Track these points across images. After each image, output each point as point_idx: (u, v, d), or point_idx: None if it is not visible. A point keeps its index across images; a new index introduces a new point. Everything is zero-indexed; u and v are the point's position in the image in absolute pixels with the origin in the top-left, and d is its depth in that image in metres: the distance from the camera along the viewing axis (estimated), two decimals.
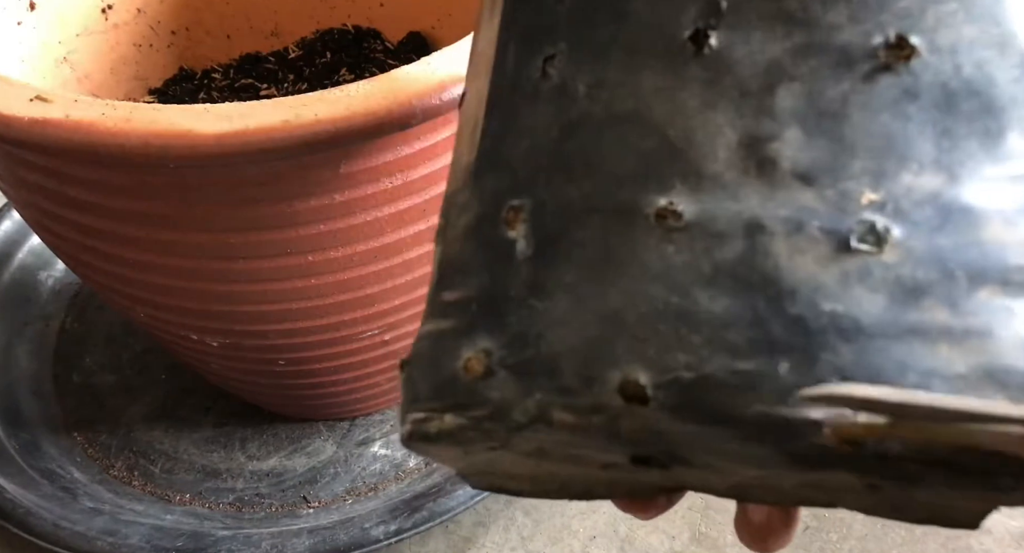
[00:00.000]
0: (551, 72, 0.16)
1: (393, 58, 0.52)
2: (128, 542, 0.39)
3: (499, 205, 0.16)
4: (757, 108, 0.14)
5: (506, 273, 0.16)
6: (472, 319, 0.16)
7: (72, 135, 0.26)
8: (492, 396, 0.15)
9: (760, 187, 0.14)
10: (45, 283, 0.55)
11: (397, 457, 0.46)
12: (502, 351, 0.15)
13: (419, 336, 0.17)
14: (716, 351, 0.14)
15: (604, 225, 0.15)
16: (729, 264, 0.14)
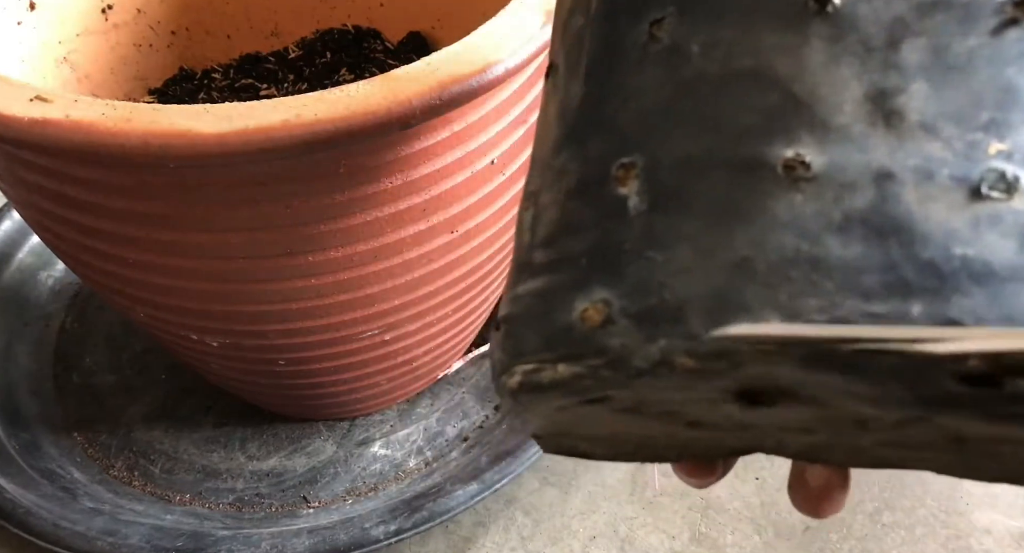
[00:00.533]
0: (660, 35, 0.17)
1: (393, 58, 0.52)
2: (128, 542, 0.39)
3: (607, 165, 0.17)
4: (883, 63, 0.15)
5: (619, 228, 0.16)
6: (584, 273, 0.16)
7: (72, 135, 0.26)
8: (612, 344, 0.15)
9: (888, 138, 0.15)
10: (45, 283, 0.55)
11: (397, 457, 0.46)
12: (622, 301, 0.15)
13: (514, 296, 0.18)
14: (849, 295, 0.14)
15: (727, 178, 0.15)
16: (860, 212, 0.14)
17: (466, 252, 0.36)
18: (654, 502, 0.45)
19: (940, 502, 0.45)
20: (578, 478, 0.46)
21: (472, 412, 0.49)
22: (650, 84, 0.17)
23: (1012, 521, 0.44)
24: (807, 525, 0.44)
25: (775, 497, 0.45)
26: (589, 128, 0.17)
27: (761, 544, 0.43)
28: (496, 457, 0.42)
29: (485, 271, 0.40)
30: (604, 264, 0.16)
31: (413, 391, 0.49)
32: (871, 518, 0.44)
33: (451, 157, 0.32)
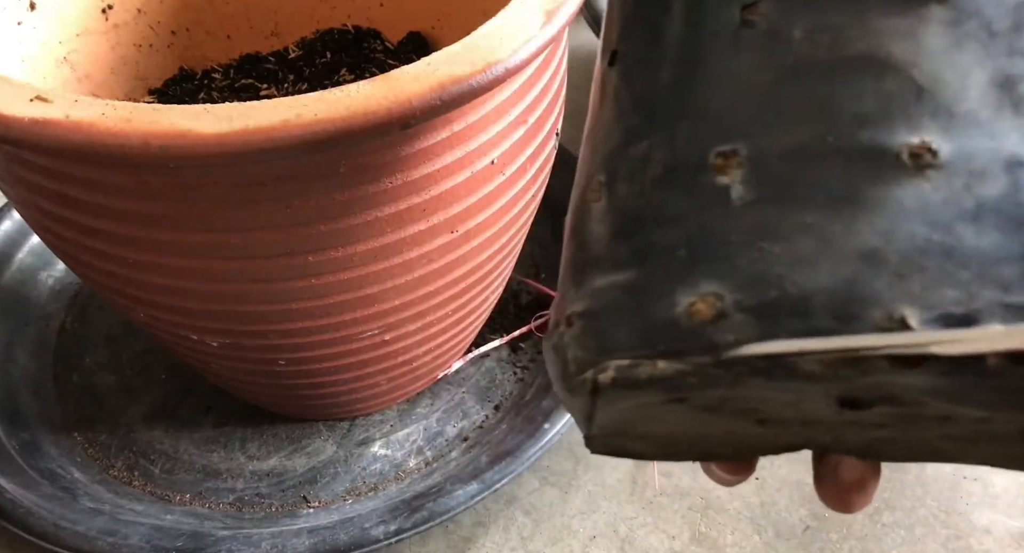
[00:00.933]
0: (755, 19, 0.16)
1: (393, 58, 0.52)
2: (128, 542, 0.39)
3: (703, 153, 0.16)
4: (1008, 48, 0.15)
5: (722, 218, 0.16)
6: (685, 265, 0.16)
7: (72, 135, 0.26)
8: (725, 339, 0.15)
9: (1018, 125, 0.14)
10: (45, 283, 0.55)
11: (397, 457, 0.46)
12: (736, 294, 0.15)
13: (591, 290, 0.17)
14: (986, 286, 0.14)
15: (844, 166, 0.15)
16: (993, 200, 0.14)
17: (466, 252, 0.36)
18: (654, 502, 0.45)
19: (940, 502, 0.45)
20: (578, 478, 0.46)
21: (472, 412, 0.49)
22: (747, 70, 0.16)
23: (1012, 521, 0.44)
24: (807, 525, 0.44)
25: (775, 497, 0.45)
26: (677, 115, 0.17)
27: (761, 544, 0.43)
28: (496, 457, 0.42)
29: (485, 271, 0.40)
30: (709, 256, 0.15)
31: (413, 391, 0.49)
32: (871, 518, 0.44)
33: (451, 157, 0.32)
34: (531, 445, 0.42)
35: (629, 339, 0.16)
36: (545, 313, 0.53)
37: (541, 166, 0.39)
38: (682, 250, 0.16)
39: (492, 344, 0.51)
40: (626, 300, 0.16)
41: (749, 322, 0.15)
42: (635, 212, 0.17)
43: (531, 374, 0.50)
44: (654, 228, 0.16)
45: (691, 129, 0.16)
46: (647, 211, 0.17)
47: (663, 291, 0.16)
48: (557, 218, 0.57)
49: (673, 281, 0.16)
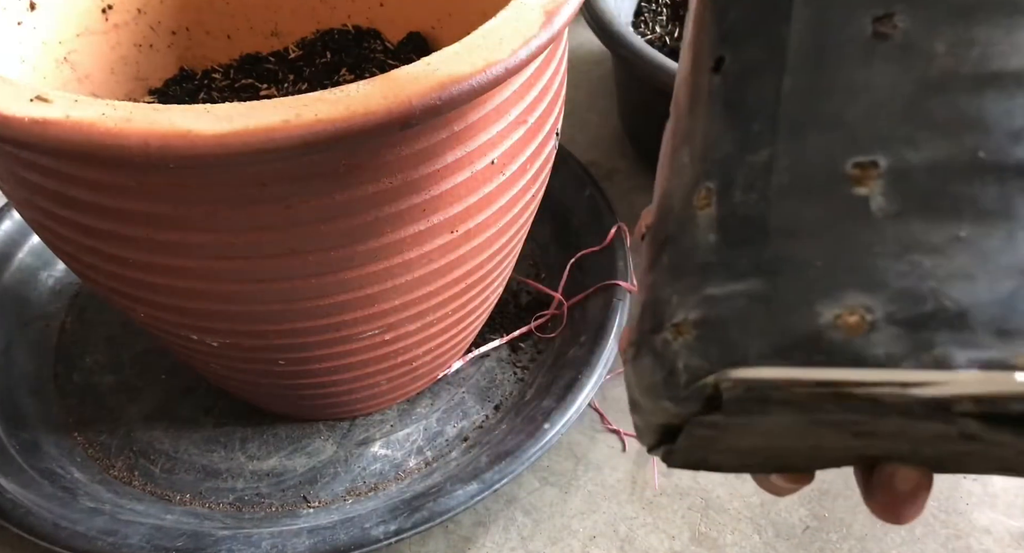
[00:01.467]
0: (889, 31, 0.16)
1: (393, 58, 0.52)
2: (128, 542, 0.39)
3: (836, 163, 0.16)
4: None
5: (863, 229, 0.15)
6: (824, 276, 0.15)
7: (72, 135, 0.26)
8: (875, 353, 0.15)
9: None
10: (45, 283, 0.55)
11: (397, 457, 0.46)
12: (889, 306, 0.15)
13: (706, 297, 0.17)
14: None
15: (999, 181, 0.15)
16: None
17: (466, 252, 0.36)
18: (654, 502, 0.45)
19: (940, 502, 0.45)
20: (578, 478, 0.46)
21: (472, 412, 0.49)
22: (883, 82, 0.16)
23: (1012, 521, 0.44)
24: (807, 525, 0.44)
25: (775, 497, 0.45)
26: (806, 124, 0.16)
27: (761, 544, 0.43)
28: (496, 457, 0.42)
29: (485, 271, 0.40)
30: (852, 267, 0.15)
31: (413, 391, 0.49)
32: (871, 518, 0.44)
33: (451, 157, 0.32)
34: (531, 445, 0.42)
35: (761, 349, 0.16)
36: (545, 313, 0.53)
37: (541, 166, 0.39)
38: (819, 261, 0.15)
39: (492, 344, 0.51)
40: (755, 310, 0.16)
41: (902, 336, 0.14)
42: (756, 221, 0.17)
43: (531, 374, 0.50)
44: (783, 238, 0.16)
45: (823, 139, 0.16)
46: (772, 220, 0.16)
47: (801, 302, 0.15)
48: (557, 218, 0.57)
49: (813, 293, 0.15)
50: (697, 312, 0.17)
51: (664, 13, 0.67)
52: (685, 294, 0.17)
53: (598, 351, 0.47)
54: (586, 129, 0.70)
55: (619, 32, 0.56)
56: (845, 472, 0.46)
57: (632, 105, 0.64)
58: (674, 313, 0.17)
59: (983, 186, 0.15)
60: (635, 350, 0.19)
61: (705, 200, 0.18)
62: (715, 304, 0.17)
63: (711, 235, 0.17)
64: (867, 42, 0.16)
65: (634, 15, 0.67)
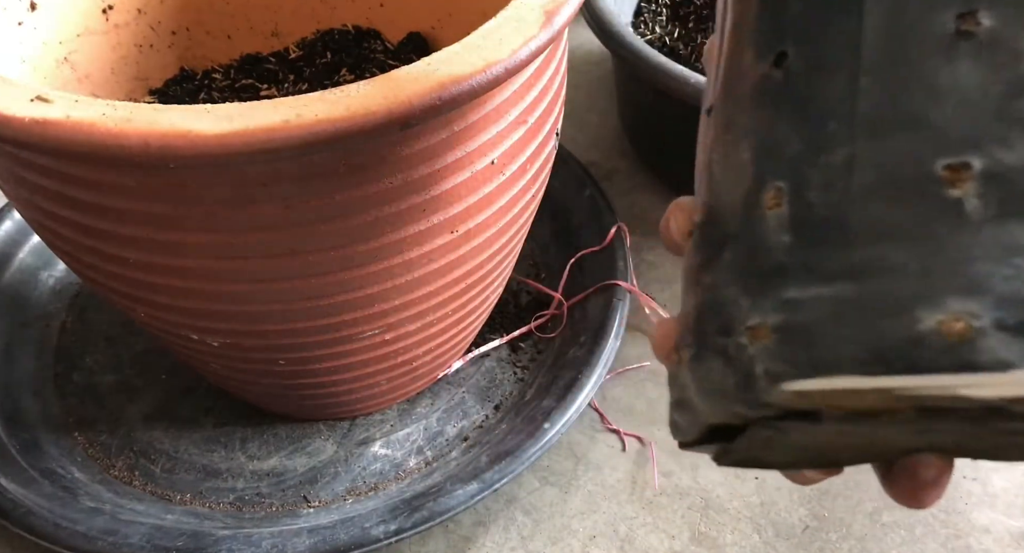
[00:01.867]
0: (972, 30, 0.16)
1: (393, 58, 0.52)
2: (128, 542, 0.39)
3: (925, 164, 0.15)
4: None
5: (959, 233, 0.15)
6: (920, 281, 0.15)
7: (72, 135, 0.26)
8: (981, 360, 0.14)
9: None
10: (45, 283, 0.55)
11: (397, 457, 0.47)
12: (996, 312, 0.14)
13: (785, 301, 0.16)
14: None
15: None
16: None
17: (466, 252, 0.37)
18: (654, 502, 0.45)
19: (939, 502, 0.45)
20: (578, 478, 0.46)
21: (472, 412, 0.49)
22: (969, 81, 0.16)
23: (1011, 521, 0.44)
24: (807, 525, 0.44)
25: (774, 496, 0.45)
26: (888, 124, 0.16)
27: (761, 544, 0.43)
28: (496, 457, 0.42)
29: (485, 271, 0.40)
30: (952, 272, 0.15)
31: (413, 391, 0.49)
32: (871, 518, 0.44)
33: (451, 157, 0.32)
34: (531, 445, 0.42)
35: (856, 354, 0.15)
36: (545, 313, 0.53)
37: (541, 166, 0.39)
38: (914, 265, 0.15)
39: (492, 344, 0.51)
40: (846, 315, 0.15)
41: (1012, 342, 0.14)
42: (838, 222, 0.16)
43: (531, 374, 0.50)
44: (871, 241, 0.16)
45: (908, 140, 0.16)
46: (856, 222, 0.16)
47: (898, 307, 0.15)
48: (557, 218, 0.57)
49: (911, 297, 0.15)
50: (777, 316, 0.16)
51: (664, 13, 0.67)
52: (758, 297, 0.17)
53: (598, 351, 0.47)
54: (586, 129, 0.70)
55: (619, 32, 0.56)
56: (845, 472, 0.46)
57: (632, 105, 0.64)
58: (747, 317, 0.17)
59: None
60: (695, 351, 0.18)
61: (775, 200, 0.17)
62: (797, 308, 0.16)
63: (784, 236, 0.17)
64: (950, 40, 0.16)
65: (634, 15, 0.67)
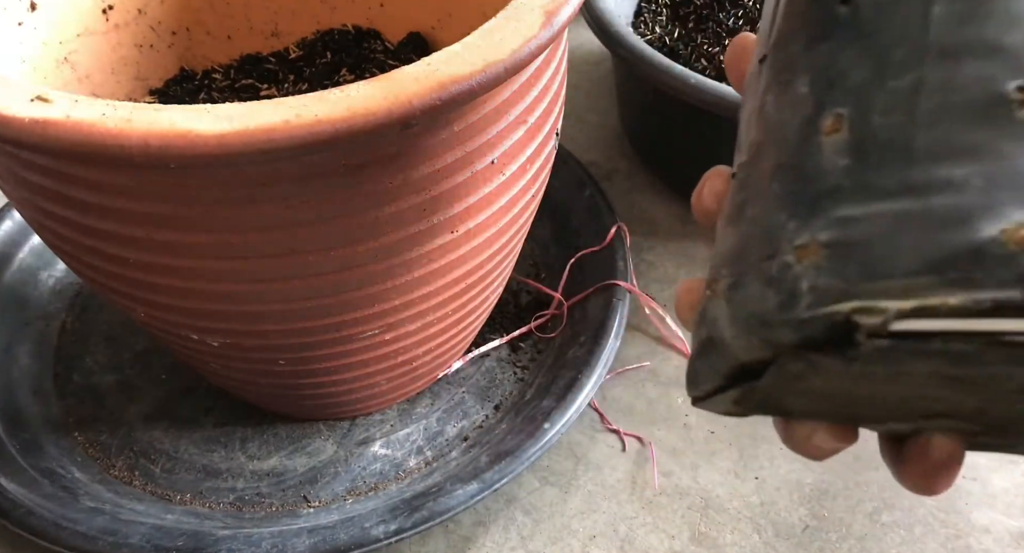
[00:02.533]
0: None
1: (393, 58, 0.52)
2: (128, 541, 0.39)
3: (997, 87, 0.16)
4: None
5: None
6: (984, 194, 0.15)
7: (72, 135, 0.26)
8: None
9: None
10: (45, 283, 0.55)
11: (397, 457, 0.47)
12: None
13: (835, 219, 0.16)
14: None
15: None
16: None
17: (466, 252, 0.37)
18: (654, 502, 0.45)
19: (939, 501, 0.45)
20: (578, 478, 0.46)
21: (472, 412, 0.49)
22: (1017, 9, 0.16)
23: (1011, 520, 0.44)
24: (807, 525, 0.44)
25: (774, 496, 0.45)
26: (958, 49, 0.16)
27: (761, 544, 0.43)
28: (496, 457, 0.42)
29: (485, 271, 0.40)
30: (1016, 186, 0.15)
31: (413, 391, 0.49)
32: (871, 518, 0.44)
33: (451, 157, 0.32)
34: (531, 445, 0.42)
35: (911, 266, 0.15)
36: (545, 313, 0.53)
37: (541, 166, 0.39)
38: (978, 180, 0.15)
39: (492, 344, 0.51)
40: (903, 227, 0.15)
41: None
42: (902, 144, 0.16)
43: (531, 374, 0.50)
44: (936, 159, 0.16)
45: (980, 64, 0.16)
46: (922, 143, 0.16)
47: (959, 219, 0.15)
48: (557, 218, 0.57)
49: (972, 210, 0.15)
50: (828, 233, 0.16)
51: (664, 13, 0.67)
52: (808, 217, 0.16)
53: (598, 351, 0.47)
54: (586, 129, 0.70)
55: (619, 32, 0.56)
56: (845, 472, 0.46)
57: (632, 105, 0.64)
58: (795, 236, 0.16)
59: None
60: (732, 280, 0.18)
61: (834, 125, 0.17)
62: (852, 224, 0.16)
63: (843, 159, 0.17)
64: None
65: (634, 15, 0.67)
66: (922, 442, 0.19)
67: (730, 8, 0.65)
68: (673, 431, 0.48)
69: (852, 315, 0.16)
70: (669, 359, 0.52)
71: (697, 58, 0.61)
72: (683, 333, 0.53)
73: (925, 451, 0.19)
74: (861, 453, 0.47)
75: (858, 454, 0.47)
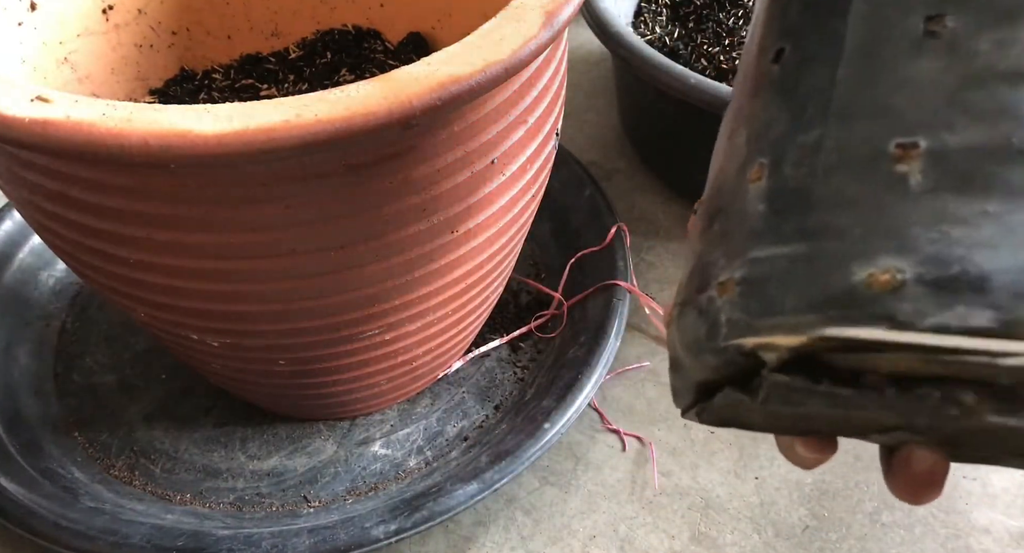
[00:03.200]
0: (938, 30, 0.18)
1: (393, 58, 0.52)
2: (129, 541, 0.39)
3: (881, 143, 0.17)
4: None
5: (901, 203, 0.17)
6: (862, 242, 0.17)
7: (73, 135, 0.26)
8: (902, 308, 0.16)
9: None
10: (45, 283, 0.55)
11: (397, 457, 0.47)
12: (918, 268, 0.16)
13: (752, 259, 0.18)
14: None
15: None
16: None
17: (466, 252, 0.37)
18: (654, 502, 0.45)
19: (939, 501, 0.45)
20: (578, 478, 0.46)
21: (472, 412, 0.49)
22: (930, 75, 0.17)
23: (1011, 521, 0.44)
24: (806, 525, 0.44)
25: (774, 496, 0.45)
26: (855, 109, 0.18)
27: (761, 544, 0.43)
28: (496, 457, 0.42)
29: (485, 271, 0.40)
30: (888, 235, 0.17)
31: (413, 391, 0.49)
32: (870, 518, 0.44)
33: (451, 157, 0.32)
34: (531, 445, 0.42)
35: (797, 304, 0.17)
36: (545, 313, 0.53)
37: (541, 166, 0.39)
38: (858, 228, 0.17)
39: (492, 344, 0.51)
40: (795, 269, 0.18)
41: (929, 295, 0.16)
42: (803, 193, 0.18)
43: (531, 374, 0.50)
44: (827, 208, 0.18)
45: (870, 122, 0.18)
46: (818, 193, 0.18)
47: (837, 263, 0.17)
48: (557, 218, 0.57)
49: (849, 255, 0.17)
50: (742, 272, 0.18)
51: (664, 14, 0.67)
52: (732, 257, 0.19)
53: (598, 351, 0.47)
54: (586, 129, 0.70)
55: (619, 32, 0.56)
56: (845, 472, 0.46)
57: (632, 105, 0.64)
58: (719, 273, 0.19)
59: (1013, 168, 0.16)
60: (680, 309, 0.21)
61: (757, 174, 0.19)
62: (759, 265, 0.18)
63: (760, 205, 0.19)
64: (918, 39, 0.18)
65: (634, 15, 0.67)
66: (905, 454, 0.20)
67: (730, 8, 0.65)
68: (673, 431, 0.48)
69: (756, 351, 0.18)
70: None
71: (697, 58, 0.61)
72: None
73: (908, 463, 0.20)
74: (861, 453, 0.47)
75: (858, 454, 0.47)
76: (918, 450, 0.20)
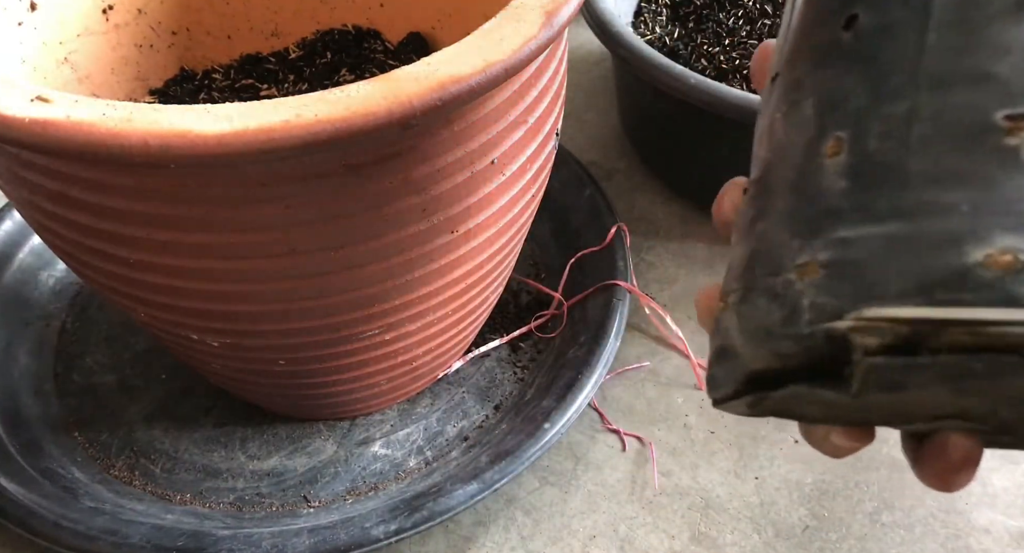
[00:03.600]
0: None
1: (393, 58, 0.52)
2: (129, 541, 0.39)
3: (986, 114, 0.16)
4: None
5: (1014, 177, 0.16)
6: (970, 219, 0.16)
7: (73, 135, 0.26)
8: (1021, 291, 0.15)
9: None
10: (45, 283, 0.55)
11: (397, 457, 0.47)
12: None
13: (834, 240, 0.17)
14: None
15: None
16: None
17: (466, 252, 0.37)
18: (654, 502, 0.45)
19: (939, 502, 0.45)
20: (578, 478, 0.46)
21: (472, 412, 0.49)
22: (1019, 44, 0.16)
23: (1011, 521, 0.44)
24: (807, 525, 0.44)
25: (774, 496, 0.45)
26: (950, 78, 0.17)
27: (761, 544, 0.43)
28: (496, 457, 0.42)
29: (485, 271, 0.40)
30: (1001, 211, 0.16)
31: (413, 391, 0.49)
32: (871, 518, 0.44)
33: (451, 157, 0.32)
34: (531, 445, 0.42)
35: (903, 287, 0.16)
36: (545, 313, 0.53)
37: (541, 166, 0.39)
38: (966, 206, 0.16)
39: (492, 344, 0.51)
40: (895, 251, 0.16)
41: None
42: (895, 168, 0.17)
43: (531, 374, 0.50)
44: (925, 185, 0.16)
45: (971, 92, 0.17)
46: (913, 168, 0.17)
47: (946, 243, 0.16)
48: (557, 218, 0.57)
49: (959, 234, 0.16)
50: (827, 253, 0.17)
51: (664, 13, 0.67)
52: (810, 238, 0.18)
53: (598, 351, 0.47)
54: (586, 129, 0.70)
55: (619, 32, 0.56)
56: (845, 472, 0.46)
57: (632, 105, 0.64)
58: (797, 255, 0.18)
59: None
60: (742, 294, 0.19)
61: (835, 148, 0.18)
62: (848, 246, 0.17)
63: (842, 181, 0.18)
64: (1015, 5, 0.17)
65: (634, 15, 0.67)
66: (940, 441, 0.20)
67: (730, 8, 0.65)
68: (673, 431, 0.48)
69: (849, 334, 0.17)
70: (669, 359, 0.52)
71: (697, 58, 0.61)
72: (683, 333, 0.53)
73: (943, 450, 0.20)
74: (861, 453, 0.47)
75: (858, 454, 0.47)
76: (955, 436, 0.19)
